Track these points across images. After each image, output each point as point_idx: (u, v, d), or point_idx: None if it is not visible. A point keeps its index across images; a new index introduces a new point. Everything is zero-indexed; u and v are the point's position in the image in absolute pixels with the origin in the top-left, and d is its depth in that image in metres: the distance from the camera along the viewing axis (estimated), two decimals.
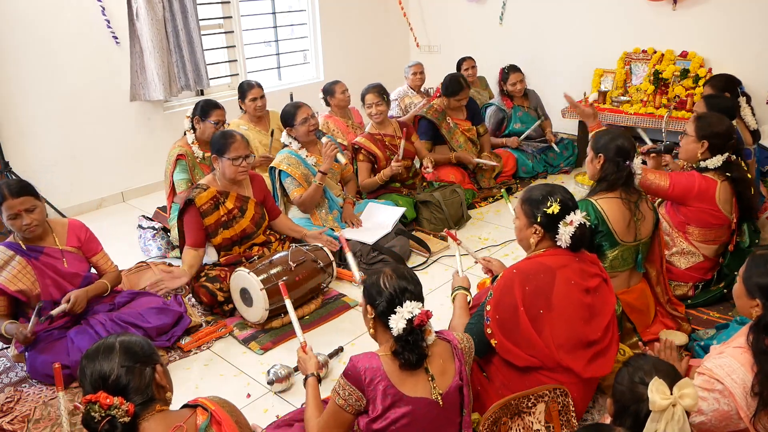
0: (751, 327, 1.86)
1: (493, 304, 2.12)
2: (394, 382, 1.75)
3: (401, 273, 1.84)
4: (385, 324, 1.80)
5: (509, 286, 2.11)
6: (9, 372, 2.79)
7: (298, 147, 3.72)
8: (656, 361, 1.66)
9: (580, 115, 3.20)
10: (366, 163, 4.16)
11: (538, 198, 2.18)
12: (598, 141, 2.66)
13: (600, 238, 2.59)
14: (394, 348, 1.77)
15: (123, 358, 1.48)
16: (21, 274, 2.62)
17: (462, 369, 1.86)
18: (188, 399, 1.62)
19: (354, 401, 1.77)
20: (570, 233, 2.12)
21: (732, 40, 4.87)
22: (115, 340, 1.53)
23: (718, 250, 3.02)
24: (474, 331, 2.17)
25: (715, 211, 2.90)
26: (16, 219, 2.58)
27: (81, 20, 4.42)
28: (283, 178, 3.69)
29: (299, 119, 3.64)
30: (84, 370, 1.48)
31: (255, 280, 2.92)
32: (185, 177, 3.72)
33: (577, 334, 2.10)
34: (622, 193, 2.59)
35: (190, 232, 3.15)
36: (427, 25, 6.72)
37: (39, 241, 2.72)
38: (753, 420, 1.76)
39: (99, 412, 1.40)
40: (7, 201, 2.55)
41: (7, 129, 4.25)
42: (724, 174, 2.91)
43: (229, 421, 1.54)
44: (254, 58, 5.70)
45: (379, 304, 1.80)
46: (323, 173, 3.65)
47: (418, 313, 1.74)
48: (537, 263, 2.16)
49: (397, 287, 1.79)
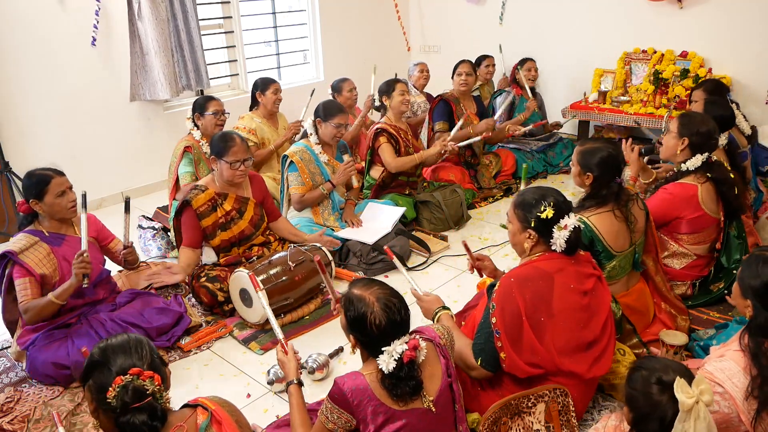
0: (743, 328, 1.88)
1: (498, 315, 2.05)
2: (383, 400, 1.70)
3: (387, 302, 1.72)
4: (369, 352, 1.75)
5: (509, 294, 2.06)
6: (9, 372, 2.79)
7: (316, 141, 3.74)
8: (666, 361, 1.65)
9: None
10: (389, 144, 4.11)
11: (531, 202, 2.13)
12: (586, 157, 2.58)
13: (598, 255, 2.56)
14: (383, 378, 1.70)
15: (151, 355, 1.49)
16: (46, 260, 2.66)
17: (449, 365, 1.83)
18: (188, 399, 1.62)
19: (343, 423, 1.73)
20: (565, 237, 2.08)
21: (732, 40, 4.87)
22: (136, 336, 1.53)
23: (710, 248, 3.03)
24: (485, 350, 2.09)
25: (702, 215, 2.89)
26: (63, 196, 2.66)
27: (81, 20, 4.41)
28: (290, 170, 3.69)
29: (335, 122, 3.63)
30: (110, 358, 1.44)
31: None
32: (190, 170, 3.74)
33: (577, 338, 2.09)
34: (614, 206, 2.55)
35: (187, 233, 3.15)
36: (426, 26, 6.72)
37: (60, 229, 2.76)
38: (754, 423, 1.77)
39: (153, 386, 1.40)
40: (55, 179, 2.64)
41: (7, 129, 4.25)
42: (705, 175, 2.89)
43: (229, 420, 1.54)
44: (254, 58, 5.70)
45: (364, 340, 1.74)
46: (333, 185, 3.69)
47: (406, 350, 1.67)
48: (533, 269, 2.12)
49: (384, 325, 1.69)
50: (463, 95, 4.72)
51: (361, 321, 1.72)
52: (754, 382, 1.77)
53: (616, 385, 2.40)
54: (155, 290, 3.24)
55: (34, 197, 2.64)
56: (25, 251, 2.62)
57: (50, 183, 2.62)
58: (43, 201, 2.64)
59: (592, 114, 5.14)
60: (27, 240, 2.65)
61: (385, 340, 1.69)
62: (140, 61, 4.66)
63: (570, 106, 5.32)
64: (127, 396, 1.38)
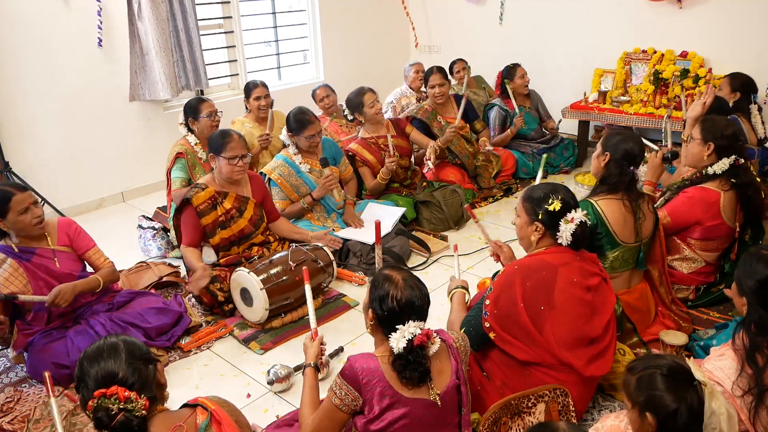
0: (738, 324, 1.90)
1: (493, 299, 2.12)
2: (391, 383, 1.75)
3: (411, 284, 1.80)
4: (384, 331, 1.79)
5: (510, 282, 2.12)
6: (9, 372, 2.79)
7: (295, 152, 3.71)
8: (666, 356, 1.64)
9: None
10: (366, 167, 4.15)
11: (539, 196, 2.19)
12: (609, 139, 2.67)
13: (600, 240, 2.59)
14: (393, 360, 1.75)
15: (128, 357, 1.48)
16: (13, 277, 2.61)
17: (459, 368, 1.85)
18: (188, 399, 1.62)
19: (350, 401, 1.76)
20: (571, 230, 2.13)
21: (732, 40, 4.87)
22: (116, 339, 1.53)
23: (720, 256, 3.01)
24: (472, 323, 2.18)
25: (720, 223, 2.86)
26: (26, 213, 2.59)
27: (81, 20, 4.41)
28: (271, 185, 3.68)
29: (306, 134, 3.61)
30: (86, 371, 1.47)
31: (255, 279, 2.92)
32: (181, 175, 3.71)
33: (578, 332, 2.11)
34: (623, 195, 2.59)
35: (187, 232, 3.15)
36: (426, 26, 6.72)
37: (31, 242, 2.70)
38: (753, 420, 1.77)
39: (116, 405, 1.39)
40: (15, 196, 2.57)
41: (7, 129, 4.25)
42: (730, 181, 2.84)
43: (228, 420, 1.54)
44: (254, 58, 5.70)
45: (382, 314, 1.78)
46: (314, 199, 3.68)
47: (419, 334, 1.72)
48: (539, 260, 2.17)
49: (404, 302, 1.76)
50: (441, 106, 4.60)
51: (384, 294, 1.77)
52: (749, 379, 1.78)
53: (616, 385, 2.40)
54: (155, 290, 3.24)
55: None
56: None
57: (11, 200, 2.55)
58: (6, 219, 2.57)
59: (592, 114, 5.14)
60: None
61: (401, 318, 1.74)
62: (140, 61, 4.66)
63: (570, 106, 5.31)
64: (99, 418, 1.40)
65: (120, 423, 1.39)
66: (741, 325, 1.89)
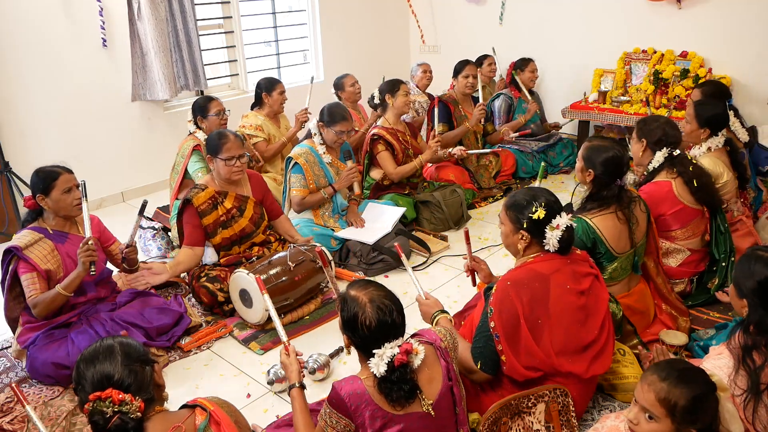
0: (737, 325, 1.90)
1: (497, 319, 2.05)
2: (380, 405, 1.69)
3: (379, 304, 1.71)
4: (363, 355, 1.75)
5: (506, 297, 2.06)
6: (9, 372, 2.79)
7: (320, 142, 3.73)
8: (672, 361, 1.68)
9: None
10: (387, 152, 4.11)
11: (522, 203, 2.13)
12: (591, 155, 2.58)
13: (599, 257, 2.55)
14: (378, 383, 1.69)
15: (124, 358, 1.49)
16: (50, 256, 2.67)
17: (450, 368, 1.82)
18: (188, 399, 1.63)
19: (342, 427, 1.72)
20: (558, 237, 2.08)
21: (732, 40, 4.87)
22: (112, 341, 1.53)
23: (701, 241, 3.06)
24: (485, 353, 2.10)
25: (683, 207, 2.93)
26: (69, 193, 2.68)
27: (82, 20, 4.41)
28: (293, 172, 3.67)
29: (337, 129, 3.63)
30: (83, 373, 1.47)
31: (254, 280, 2.92)
32: (202, 165, 3.74)
33: (575, 339, 2.09)
34: (616, 207, 2.54)
35: (188, 231, 3.16)
36: (426, 26, 6.72)
37: (64, 227, 2.78)
38: (753, 419, 1.77)
39: (111, 408, 1.40)
40: (63, 175, 2.67)
41: (8, 129, 4.25)
42: (674, 170, 2.94)
43: (228, 421, 1.55)
44: (254, 58, 5.70)
45: (357, 341, 1.75)
46: (335, 190, 3.70)
47: (397, 354, 1.66)
48: (529, 271, 2.12)
49: (374, 326, 1.69)
50: (464, 98, 4.70)
51: (353, 321, 1.72)
52: (748, 378, 1.78)
53: (616, 385, 2.40)
54: (155, 290, 3.24)
55: (41, 192, 2.66)
56: (30, 247, 2.63)
57: (58, 179, 2.66)
58: (50, 196, 2.66)
59: (592, 114, 5.14)
60: (31, 236, 2.66)
61: (376, 342, 1.69)
62: (140, 61, 4.67)
63: (570, 106, 5.31)
64: (95, 421, 1.42)
65: (115, 426, 1.40)
66: (739, 326, 1.89)
